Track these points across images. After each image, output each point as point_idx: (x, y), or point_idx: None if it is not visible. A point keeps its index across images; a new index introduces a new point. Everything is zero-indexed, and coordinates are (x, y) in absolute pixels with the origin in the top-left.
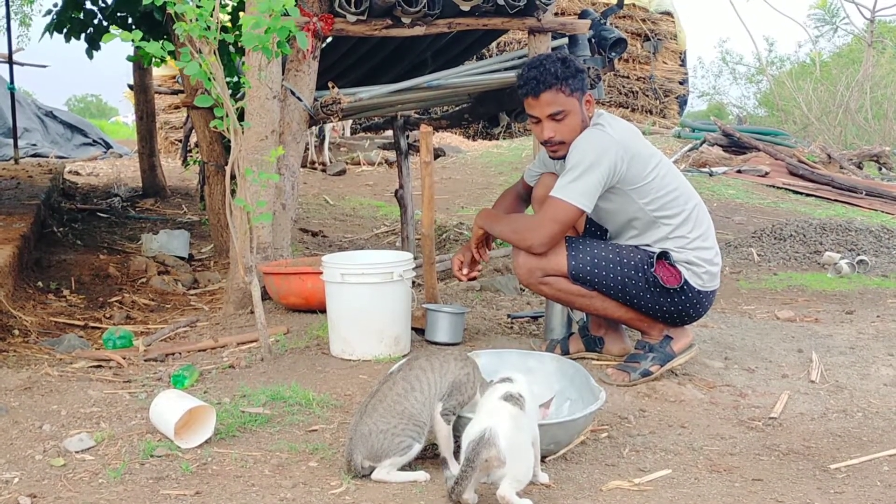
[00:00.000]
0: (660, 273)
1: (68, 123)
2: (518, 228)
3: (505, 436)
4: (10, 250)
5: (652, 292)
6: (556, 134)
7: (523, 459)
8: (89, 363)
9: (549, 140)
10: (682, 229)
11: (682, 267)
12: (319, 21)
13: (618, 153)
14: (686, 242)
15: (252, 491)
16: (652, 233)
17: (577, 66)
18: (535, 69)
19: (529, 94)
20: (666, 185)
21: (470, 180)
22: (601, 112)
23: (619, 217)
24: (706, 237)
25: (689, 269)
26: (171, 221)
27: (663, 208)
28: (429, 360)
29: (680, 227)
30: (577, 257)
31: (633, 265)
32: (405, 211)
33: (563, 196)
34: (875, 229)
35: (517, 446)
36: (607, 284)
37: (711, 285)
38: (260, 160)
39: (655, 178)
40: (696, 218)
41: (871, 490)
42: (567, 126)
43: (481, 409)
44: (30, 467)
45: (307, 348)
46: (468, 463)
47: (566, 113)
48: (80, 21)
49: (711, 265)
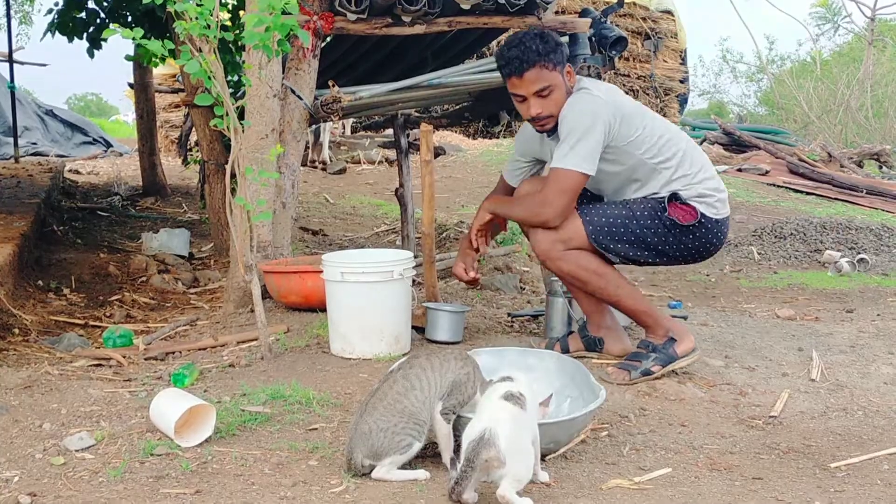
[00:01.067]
0: (674, 214)
1: (68, 122)
2: (529, 206)
3: (505, 436)
4: (11, 249)
5: (673, 235)
6: (543, 109)
7: (523, 459)
8: (89, 362)
9: (536, 116)
10: (682, 168)
11: (693, 202)
12: (320, 19)
13: (609, 112)
14: (690, 178)
15: (252, 490)
16: (655, 180)
17: (555, 40)
18: (516, 48)
19: (513, 73)
20: (656, 131)
21: (470, 179)
22: (580, 78)
23: (619, 176)
24: (706, 168)
25: (701, 202)
26: (171, 220)
27: (660, 153)
28: (429, 359)
29: (680, 166)
30: (593, 221)
31: (647, 215)
32: (405, 209)
33: (566, 165)
34: (875, 228)
35: (517, 446)
36: (628, 240)
37: (724, 212)
38: (260, 159)
39: (646, 127)
40: (692, 154)
41: (872, 489)
42: (553, 100)
43: (481, 408)
44: (30, 466)
45: (307, 347)
46: (468, 463)
47: (551, 88)
48: (82, 21)
49: (719, 192)
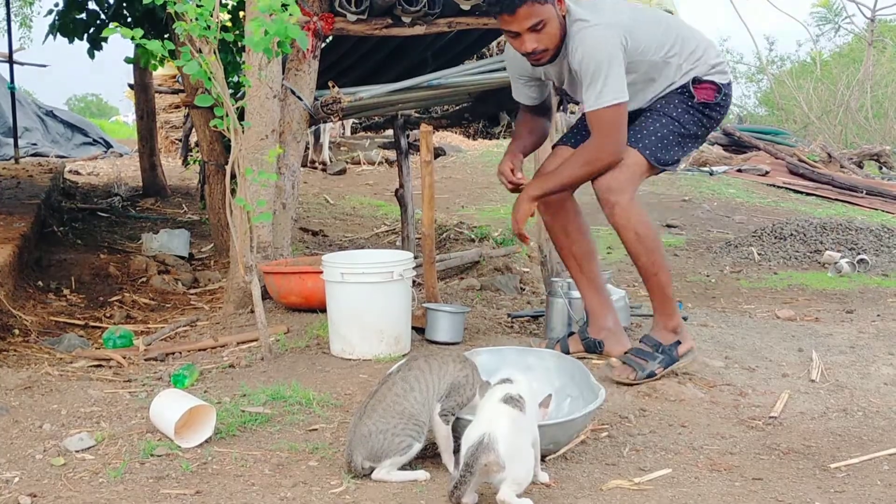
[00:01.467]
0: (702, 96)
1: (68, 123)
2: (587, 159)
3: (504, 440)
4: (11, 250)
5: (705, 115)
6: (538, 44)
7: (523, 462)
8: (89, 362)
9: (532, 51)
10: (686, 49)
11: (709, 77)
12: (320, 20)
13: (617, 36)
14: (697, 56)
15: (252, 490)
16: (668, 71)
17: None
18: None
19: (504, 10)
20: (655, 27)
21: (470, 179)
22: (571, 5)
23: (635, 84)
24: (700, 39)
25: (715, 74)
26: (171, 221)
27: (662, 46)
28: (427, 361)
29: (683, 49)
30: (644, 144)
31: (682, 110)
32: (405, 210)
33: (604, 103)
34: (875, 228)
35: (516, 450)
36: (678, 143)
37: (729, 73)
38: (260, 159)
39: (647, 31)
40: (685, 31)
41: (872, 489)
42: (547, 34)
43: (481, 412)
44: (30, 467)
45: (307, 348)
46: (467, 468)
47: (545, 21)
48: (83, 21)
49: (719, 56)
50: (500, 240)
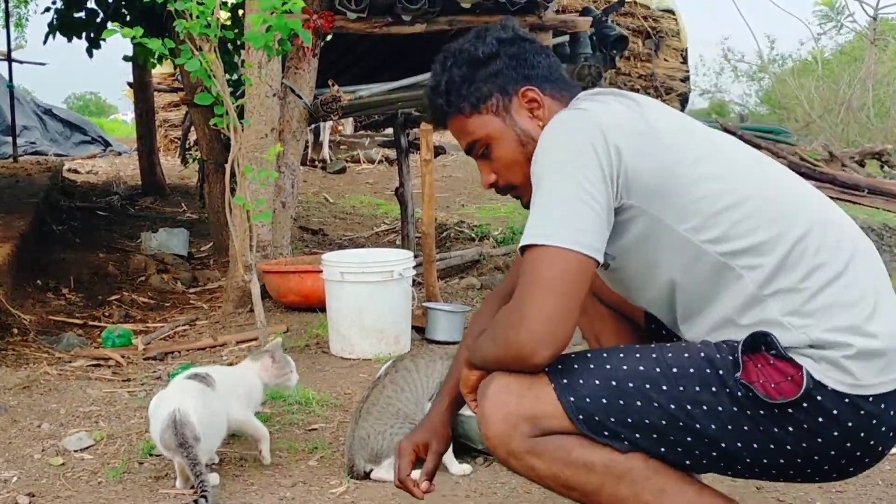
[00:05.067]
0: (757, 378)
1: (67, 121)
2: (498, 334)
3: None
4: (9, 248)
5: (750, 421)
6: (495, 176)
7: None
8: (88, 362)
9: (494, 186)
10: (786, 272)
11: (800, 356)
12: (320, 18)
13: (596, 129)
14: (803, 299)
15: (251, 490)
16: (725, 299)
17: (477, 53)
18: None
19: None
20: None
21: (471, 178)
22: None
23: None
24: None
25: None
26: (170, 220)
27: (734, 234)
28: (413, 361)
29: (781, 267)
30: (577, 383)
31: (699, 375)
32: (405, 209)
33: (535, 239)
34: (877, 227)
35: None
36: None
37: (876, 378)
38: (260, 158)
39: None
40: (819, 240)
41: (873, 489)
42: (500, 161)
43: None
44: (28, 466)
45: (307, 347)
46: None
47: (483, 142)
48: (82, 20)
49: (865, 335)
50: (501, 238)
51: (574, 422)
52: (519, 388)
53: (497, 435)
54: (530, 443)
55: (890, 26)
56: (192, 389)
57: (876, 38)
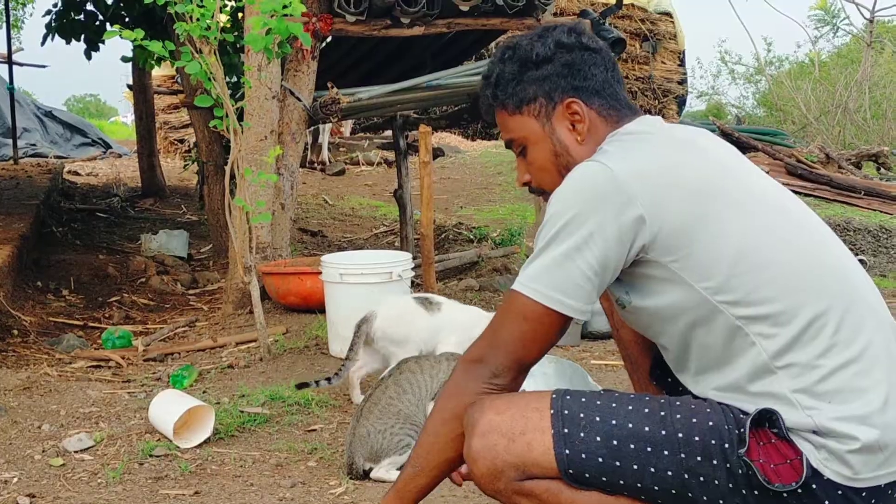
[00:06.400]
0: (758, 456)
1: (67, 123)
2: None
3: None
4: (10, 250)
5: (742, 501)
6: (529, 176)
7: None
8: (88, 363)
9: (527, 186)
10: (802, 347)
11: (801, 439)
12: (318, 21)
13: (613, 190)
14: (815, 378)
15: (251, 491)
16: (736, 363)
17: (525, 55)
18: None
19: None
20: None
21: (469, 180)
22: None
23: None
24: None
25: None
26: (170, 221)
27: (753, 299)
28: (418, 363)
29: (797, 340)
30: (578, 437)
31: (703, 445)
32: (404, 211)
33: (518, 285)
34: (873, 229)
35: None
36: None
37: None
38: (259, 160)
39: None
40: (840, 318)
41: None
42: (535, 164)
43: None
44: (29, 467)
45: (306, 348)
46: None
47: (522, 142)
48: (81, 22)
49: (871, 426)
50: (499, 240)
51: (563, 475)
52: (511, 429)
53: (483, 475)
54: (517, 485)
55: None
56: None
57: (872, 41)
